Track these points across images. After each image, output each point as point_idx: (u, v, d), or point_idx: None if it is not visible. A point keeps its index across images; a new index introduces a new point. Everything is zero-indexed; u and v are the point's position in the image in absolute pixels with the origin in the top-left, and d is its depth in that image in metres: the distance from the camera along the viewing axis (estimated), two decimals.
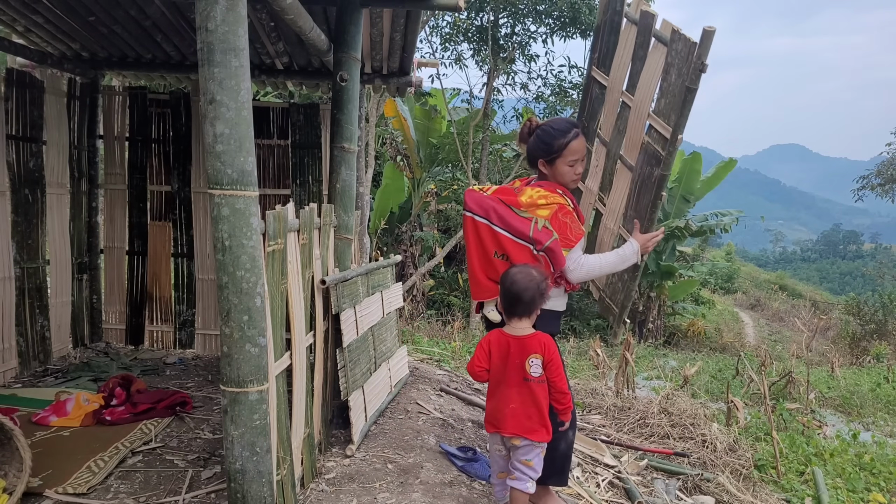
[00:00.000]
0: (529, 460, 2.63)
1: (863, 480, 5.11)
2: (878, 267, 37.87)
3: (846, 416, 8.24)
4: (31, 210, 4.49)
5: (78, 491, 2.72)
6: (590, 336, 14.40)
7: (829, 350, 14.67)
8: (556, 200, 2.78)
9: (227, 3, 1.90)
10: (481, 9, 14.21)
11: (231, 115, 1.93)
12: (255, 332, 2.03)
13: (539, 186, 2.84)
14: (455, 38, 14.66)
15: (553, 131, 2.83)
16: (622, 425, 5.07)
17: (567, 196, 2.87)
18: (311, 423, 2.87)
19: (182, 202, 5.32)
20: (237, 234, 1.98)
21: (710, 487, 4.09)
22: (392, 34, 4.32)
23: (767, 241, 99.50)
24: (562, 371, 2.62)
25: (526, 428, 2.59)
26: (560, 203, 2.78)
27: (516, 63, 14.91)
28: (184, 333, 5.37)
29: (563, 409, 2.65)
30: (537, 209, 2.75)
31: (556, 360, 2.61)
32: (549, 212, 2.75)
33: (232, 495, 2.08)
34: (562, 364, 2.63)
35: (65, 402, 3.60)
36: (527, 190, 2.82)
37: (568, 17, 13.87)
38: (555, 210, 2.76)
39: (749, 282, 33.53)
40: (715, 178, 17.96)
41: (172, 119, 5.30)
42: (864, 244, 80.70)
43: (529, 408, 2.58)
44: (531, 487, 2.63)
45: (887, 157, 27.21)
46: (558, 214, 2.75)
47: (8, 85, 4.32)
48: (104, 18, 4.34)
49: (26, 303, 4.45)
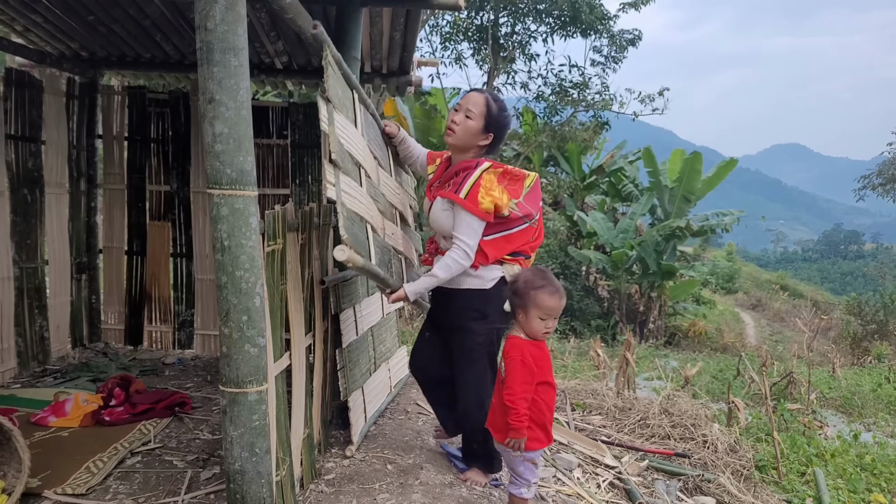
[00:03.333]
0: (515, 466, 2.63)
1: (864, 481, 5.10)
2: (879, 267, 37.83)
3: (847, 416, 8.23)
4: (29, 210, 4.48)
5: (77, 491, 2.71)
6: (590, 336, 14.38)
7: (830, 350, 14.64)
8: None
9: (226, 2, 1.89)
10: (481, 8, 14.21)
11: (230, 114, 1.92)
12: (255, 333, 2.02)
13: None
14: (455, 38, 14.66)
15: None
16: (623, 426, 5.06)
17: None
18: (310, 423, 2.86)
19: (181, 202, 5.30)
20: (236, 233, 1.96)
21: (710, 488, 4.08)
22: (392, 33, 4.31)
23: (768, 241, 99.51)
24: (513, 380, 2.47)
25: (494, 425, 2.62)
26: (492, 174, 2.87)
27: (516, 62, 14.92)
28: (183, 334, 5.35)
29: (511, 425, 2.48)
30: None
31: (510, 366, 2.51)
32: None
33: (231, 496, 2.07)
34: (518, 373, 2.47)
35: (64, 403, 3.59)
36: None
37: (568, 16, 13.87)
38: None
39: (750, 282, 33.51)
40: (716, 177, 17.95)
41: (171, 118, 5.29)
42: (866, 244, 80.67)
43: (498, 406, 2.60)
44: (525, 493, 2.61)
45: (888, 156, 27.23)
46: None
47: (7, 84, 4.31)
48: (103, 18, 4.34)
49: (25, 303, 4.44)
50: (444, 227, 2.95)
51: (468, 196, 2.81)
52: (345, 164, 2.44)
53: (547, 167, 19.65)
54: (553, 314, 2.52)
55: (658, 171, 17.85)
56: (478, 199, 2.79)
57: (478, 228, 2.82)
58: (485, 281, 2.89)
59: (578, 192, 19.75)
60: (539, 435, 2.56)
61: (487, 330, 2.91)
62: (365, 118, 2.94)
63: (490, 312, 2.89)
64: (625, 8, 15.09)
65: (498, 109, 2.96)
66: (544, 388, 2.56)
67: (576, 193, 19.63)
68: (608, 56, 15.22)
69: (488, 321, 2.89)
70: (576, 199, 19.72)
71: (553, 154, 19.02)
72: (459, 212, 2.83)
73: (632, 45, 15.29)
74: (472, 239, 2.81)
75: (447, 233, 2.94)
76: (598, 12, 14.05)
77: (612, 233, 17.31)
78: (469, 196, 2.80)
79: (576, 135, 15.48)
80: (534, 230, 2.97)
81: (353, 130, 2.65)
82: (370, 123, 3.07)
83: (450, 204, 2.89)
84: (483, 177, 2.83)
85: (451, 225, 2.89)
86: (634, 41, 15.24)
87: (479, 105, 2.93)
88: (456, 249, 2.81)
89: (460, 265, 2.82)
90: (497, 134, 2.98)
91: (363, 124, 2.87)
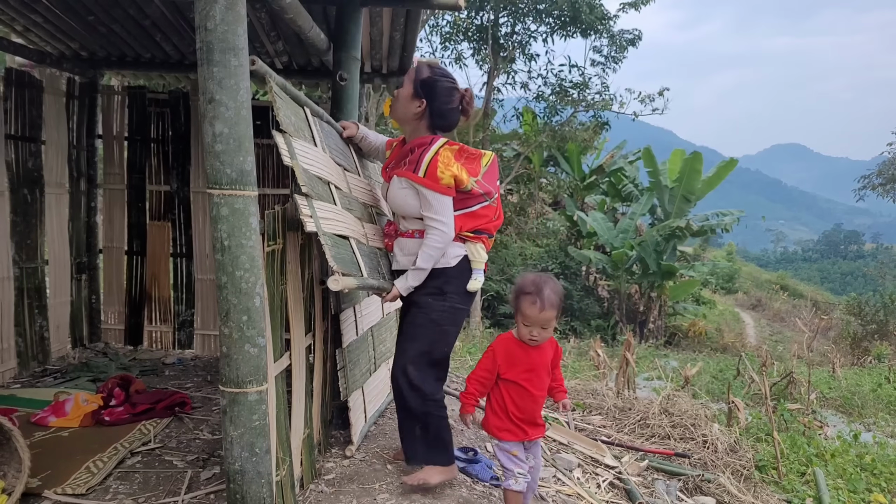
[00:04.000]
0: (497, 457, 2.69)
1: (864, 481, 5.10)
2: (879, 267, 37.84)
3: (847, 416, 8.24)
4: (29, 210, 4.48)
5: (77, 491, 2.71)
6: (590, 336, 14.39)
7: (830, 350, 14.65)
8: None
9: (226, 2, 1.89)
10: (481, 8, 14.21)
11: (230, 114, 1.92)
12: (255, 333, 2.02)
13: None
14: (455, 38, 14.66)
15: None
16: (623, 426, 5.06)
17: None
18: (310, 423, 2.86)
19: (181, 202, 5.30)
20: (236, 234, 1.97)
21: (710, 488, 4.08)
22: (392, 33, 4.31)
23: (768, 241, 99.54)
24: (478, 363, 2.66)
25: (487, 425, 2.70)
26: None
27: (516, 62, 14.92)
28: (183, 334, 5.35)
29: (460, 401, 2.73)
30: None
31: (485, 352, 2.68)
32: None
33: (231, 496, 2.07)
34: (483, 360, 2.64)
35: (64, 403, 3.59)
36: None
37: (568, 16, 13.87)
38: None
39: (750, 282, 33.53)
40: (716, 177, 17.97)
41: (171, 118, 5.28)
42: (866, 244, 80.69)
43: (489, 407, 2.71)
44: (513, 485, 2.60)
45: (888, 156, 27.26)
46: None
47: (7, 84, 4.31)
48: (103, 18, 4.34)
49: (25, 303, 4.44)
50: (402, 206, 2.85)
51: (427, 174, 2.72)
52: (315, 190, 2.42)
53: (547, 167, 19.66)
54: (533, 323, 2.49)
55: (658, 171, 17.87)
56: (437, 175, 2.71)
57: (446, 203, 2.74)
58: (448, 258, 2.79)
59: (578, 192, 19.77)
60: (507, 426, 2.60)
61: (444, 308, 2.80)
62: (321, 129, 2.90)
63: (449, 290, 2.80)
64: (625, 8, 15.10)
65: (429, 73, 2.86)
66: (508, 384, 2.59)
67: (576, 193, 19.65)
68: (608, 56, 15.24)
69: (447, 299, 2.79)
70: (576, 199, 19.74)
71: (553, 154, 19.03)
72: (423, 192, 2.74)
73: (632, 45, 15.30)
74: (443, 215, 2.73)
75: (405, 212, 2.85)
76: (598, 12, 14.06)
77: (612, 233, 17.32)
78: (428, 174, 2.72)
79: (576, 135, 15.49)
80: (494, 209, 2.89)
81: (314, 150, 2.61)
82: (328, 133, 3.01)
83: (408, 183, 2.79)
84: (440, 153, 2.75)
85: (409, 204, 2.80)
86: (634, 41, 15.25)
87: (410, 72, 2.90)
88: (431, 232, 2.73)
89: (440, 246, 2.74)
90: (430, 98, 2.84)
91: (321, 138, 2.83)
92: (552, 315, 2.49)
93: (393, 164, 2.95)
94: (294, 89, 2.62)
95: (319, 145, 2.74)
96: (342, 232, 2.57)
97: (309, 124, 2.74)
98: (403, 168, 2.83)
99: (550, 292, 2.48)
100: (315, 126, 2.80)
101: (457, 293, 2.81)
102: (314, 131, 2.76)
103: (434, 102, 2.85)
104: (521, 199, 16.51)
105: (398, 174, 2.84)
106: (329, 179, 2.68)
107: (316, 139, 2.74)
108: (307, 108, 2.77)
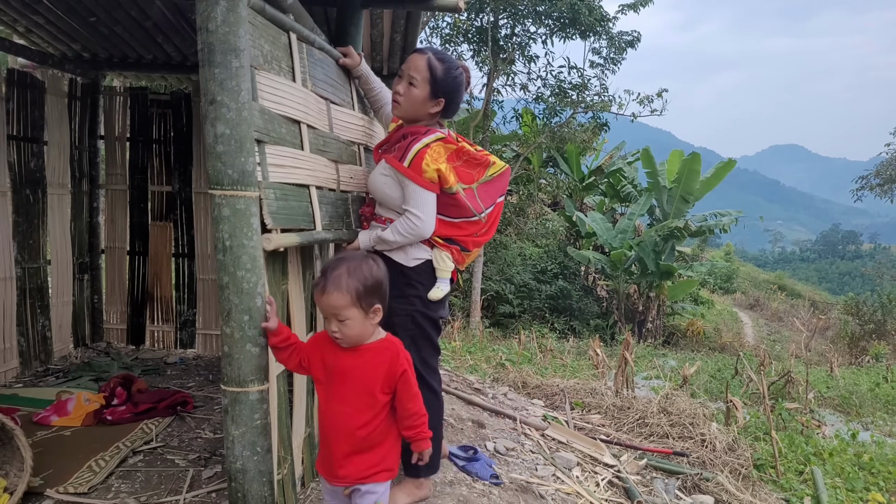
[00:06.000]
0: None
1: (862, 480, 5.13)
2: (876, 267, 37.92)
3: (845, 415, 8.27)
4: (32, 210, 4.50)
5: (79, 490, 2.72)
6: (589, 336, 14.41)
7: (827, 350, 14.69)
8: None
9: (227, 3, 1.90)
10: (481, 10, 14.22)
11: (232, 115, 1.94)
12: (256, 332, 2.04)
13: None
14: (455, 39, 14.66)
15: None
16: (621, 425, 5.08)
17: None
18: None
19: (183, 202, 5.33)
20: (238, 234, 1.98)
21: (709, 487, 4.10)
22: (392, 35, 4.33)
23: (766, 242, 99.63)
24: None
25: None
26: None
27: (516, 64, 14.92)
28: (185, 333, 5.38)
29: None
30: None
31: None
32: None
33: (233, 495, 2.09)
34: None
35: (66, 402, 3.60)
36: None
37: (567, 17, 13.88)
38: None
39: (748, 282, 33.55)
40: (714, 178, 18.00)
41: (173, 119, 5.31)
42: (863, 244, 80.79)
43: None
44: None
45: (886, 157, 27.31)
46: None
47: (9, 85, 4.33)
48: (105, 19, 4.35)
49: (27, 303, 4.46)
50: (378, 191, 2.71)
51: (411, 164, 2.56)
52: (274, 133, 2.21)
53: (546, 168, 19.69)
54: (322, 311, 1.99)
55: (657, 171, 17.89)
56: (421, 167, 2.54)
57: (429, 199, 2.57)
58: (408, 258, 2.64)
59: (577, 192, 19.79)
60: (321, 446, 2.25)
61: (406, 311, 2.64)
62: (309, 57, 2.64)
63: (410, 294, 2.64)
64: (624, 10, 15.11)
65: (444, 70, 2.65)
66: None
67: (575, 194, 19.67)
68: (607, 57, 15.24)
69: (409, 302, 2.64)
70: (575, 199, 19.76)
71: (552, 155, 19.06)
72: (403, 182, 2.59)
73: (630, 47, 15.30)
74: (423, 210, 2.55)
75: (381, 199, 2.72)
76: (597, 14, 14.07)
77: (611, 233, 17.34)
78: (412, 165, 2.55)
79: (575, 136, 15.50)
80: (481, 225, 2.71)
81: (285, 85, 2.35)
82: (317, 61, 2.74)
83: (391, 170, 2.63)
84: (432, 146, 2.59)
85: (386, 193, 2.67)
86: (633, 42, 15.26)
87: (420, 69, 2.64)
88: (407, 218, 2.58)
89: (410, 236, 2.58)
90: (448, 97, 2.69)
91: (305, 68, 2.58)
92: (341, 301, 1.90)
93: (385, 146, 2.81)
94: (276, 12, 2.32)
95: (299, 78, 2.50)
96: (300, 180, 2.38)
97: (291, 52, 2.48)
98: (392, 153, 2.69)
99: (343, 272, 1.94)
100: (298, 54, 2.53)
101: (417, 298, 2.65)
102: (295, 60, 2.49)
103: (451, 100, 2.72)
104: (520, 199, 16.53)
105: (386, 158, 2.69)
106: (301, 118, 2.45)
107: (296, 70, 2.48)
108: (293, 33, 2.50)
